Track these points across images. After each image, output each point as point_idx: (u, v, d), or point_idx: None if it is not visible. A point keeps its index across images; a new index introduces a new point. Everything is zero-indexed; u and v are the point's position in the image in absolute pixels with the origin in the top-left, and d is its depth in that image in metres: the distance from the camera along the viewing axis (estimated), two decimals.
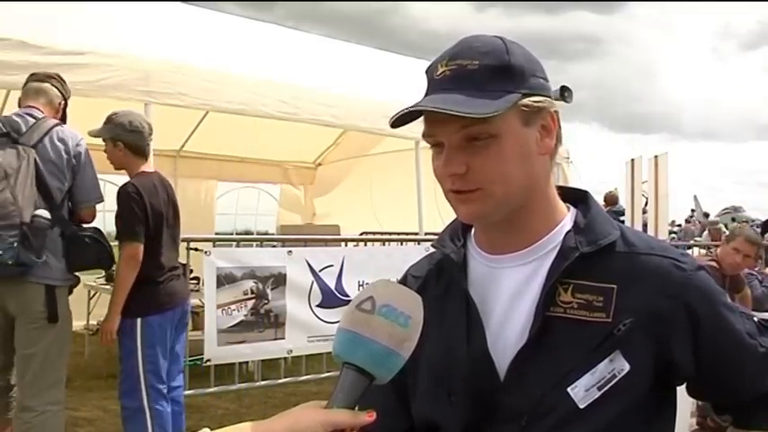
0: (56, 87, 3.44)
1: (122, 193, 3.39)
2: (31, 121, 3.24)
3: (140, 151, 3.49)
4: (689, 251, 7.20)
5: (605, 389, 0.99)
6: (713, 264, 4.63)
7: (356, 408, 0.88)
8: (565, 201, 1.13)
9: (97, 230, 3.42)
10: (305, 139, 7.93)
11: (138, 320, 3.39)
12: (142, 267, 3.38)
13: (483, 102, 0.97)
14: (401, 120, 1.04)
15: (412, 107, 1.01)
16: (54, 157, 3.22)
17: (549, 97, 1.06)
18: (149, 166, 3.56)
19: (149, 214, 3.39)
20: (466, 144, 1.01)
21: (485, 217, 1.06)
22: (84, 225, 3.40)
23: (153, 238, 3.43)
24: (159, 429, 3.43)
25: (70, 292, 3.39)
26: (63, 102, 3.47)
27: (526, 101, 1.02)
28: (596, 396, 0.99)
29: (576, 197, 1.15)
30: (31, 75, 3.47)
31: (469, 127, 0.99)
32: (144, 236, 3.38)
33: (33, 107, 3.32)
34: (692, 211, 23.26)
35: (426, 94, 1.04)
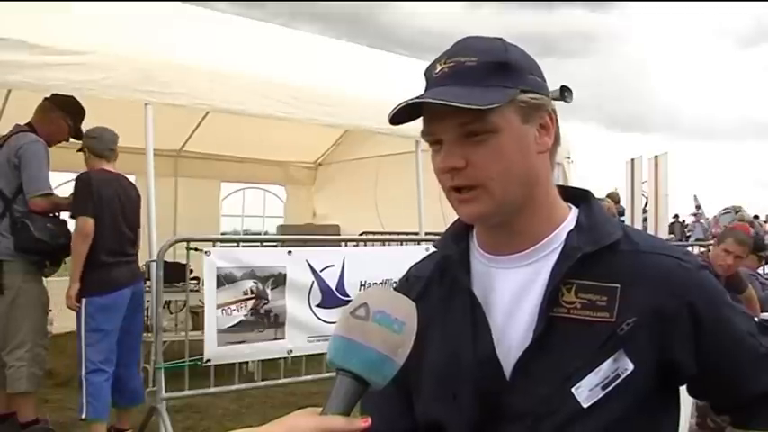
0: (55, 108, 4.20)
1: (78, 178, 4.04)
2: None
3: (98, 153, 4.09)
4: (690, 248, 7.18)
5: (609, 388, 0.99)
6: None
7: (350, 413, 0.87)
8: (566, 200, 1.13)
9: (34, 219, 3.96)
10: (306, 139, 7.91)
11: (84, 300, 3.88)
12: (90, 248, 3.85)
13: (481, 95, 0.98)
14: (399, 116, 1.03)
15: (410, 100, 1.01)
16: (2, 161, 4.00)
17: (547, 97, 1.06)
18: (111, 166, 4.13)
19: (95, 196, 3.90)
20: (464, 140, 1.01)
21: (486, 218, 1.05)
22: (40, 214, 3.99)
23: (99, 219, 3.88)
24: (91, 399, 3.86)
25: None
26: (63, 121, 4.23)
27: (524, 97, 1.02)
28: (600, 395, 0.99)
29: (578, 197, 1.14)
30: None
31: (468, 124, 0.99)
32: (93, 213, 3.86)
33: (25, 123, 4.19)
34: (697, 208, 23.11)
35: (425, 92, 1.04)
